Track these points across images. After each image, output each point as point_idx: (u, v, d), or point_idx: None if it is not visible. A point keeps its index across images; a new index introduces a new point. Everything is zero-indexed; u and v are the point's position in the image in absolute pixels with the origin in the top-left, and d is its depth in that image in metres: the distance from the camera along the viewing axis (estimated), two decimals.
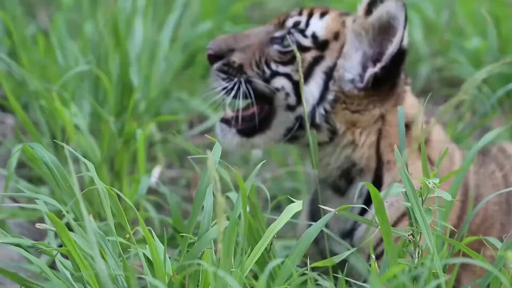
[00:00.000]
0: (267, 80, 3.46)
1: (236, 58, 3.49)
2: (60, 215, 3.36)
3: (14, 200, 3.88)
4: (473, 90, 4.17)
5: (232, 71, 3.48)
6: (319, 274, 3.37)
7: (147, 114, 4.42)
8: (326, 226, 3.28)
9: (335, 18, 3.49)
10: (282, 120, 3.47)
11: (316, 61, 3.45)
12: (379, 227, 2.97)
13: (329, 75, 3.43)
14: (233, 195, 3.23)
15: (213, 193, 3.01)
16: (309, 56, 3.45)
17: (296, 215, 3.08)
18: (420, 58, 5.99)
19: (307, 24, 3.48)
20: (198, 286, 2.94)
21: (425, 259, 2.95)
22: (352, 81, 3.42)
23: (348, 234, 3.48)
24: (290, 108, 3.45)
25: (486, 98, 4.36)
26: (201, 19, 5.55)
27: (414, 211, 2.92)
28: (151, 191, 4.35)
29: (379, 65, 3.39)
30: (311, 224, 2.99)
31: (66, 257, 3.10)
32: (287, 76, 3.45)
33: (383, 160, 3.44)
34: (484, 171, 3.57)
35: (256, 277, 3.21)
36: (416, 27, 5.98)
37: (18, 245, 3.17)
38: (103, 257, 2.96)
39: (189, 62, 5.26)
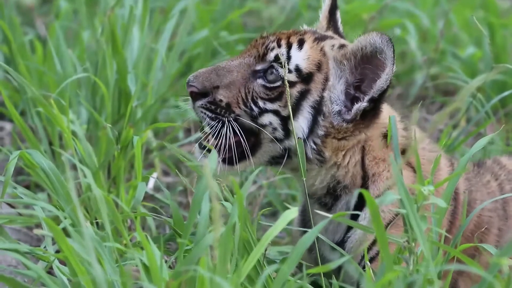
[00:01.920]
0: (255, 117, 3.45)
1: (222, 96, 3.46)
2: (57, 221, 3.38)
3: (12, 206, 3.90)
4: (467, 98, 4.20)
5: (219, 110, 3.45)
6: (314, 281, 3.40)
7: (144, 121, 4.43)
8: (316, 238, 3.31)
9: (313, 46, 3.48)
10: (267, 150, 3.47)
11: (303, 95, 3.43)
12: (369, 236, 2.99)
13: (317, 109, 3.43)
14: (227, 204, 3.24)
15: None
16: (295, 91, 3.44)
17: (291, 222, 3.10)
18: (415, 66, 6.02)
19: (288, 57, 3.46)
20: None
21: (420, 265, 2.97)
22: (339, 112, 3.42)
23: (338, 246, 3.49)
24: (278, 140, 3.45)
25: (480, 106, 4.38)
26: (198, 27, 5.57)
27: (409, 218, 2.94)
28: (147, 197, 4.37)
29: (367, 98, 3.39)
30: (305, 232, 3.01)
31: (63, 262, 3.12)
32: (275, 112, 3.44)
33: (368, 174, 3.45)
34: (479, 181, 3.59)
35: (251, 283, 3.22)
36: (412, 36, 6.01)
37: (15, 250, 3.19)
38: (100, 263, 2.97)
39: (186, 69, 5.28)
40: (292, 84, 3.43)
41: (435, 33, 5.99)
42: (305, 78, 3.43)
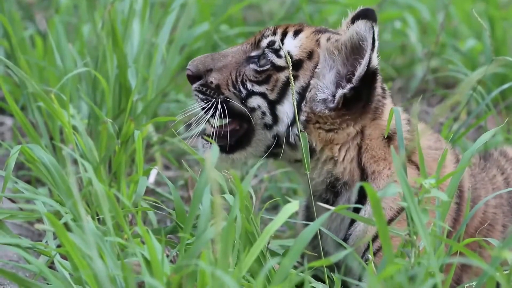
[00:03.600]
0: (243, 100, 3.49)
1: (213, 78, 3.52)
2: (58, 215, 3.38)
3: (13, 201, 3.90)
4: (468, 90, 4.20)
5: (209, 92, 3.52)
6: (316, 275, 3.40)
7: (144, 115, 4.44)
8: (320, 235, 3.32)
9: (309, 36, 3.50)
10: (261, 138, 3.50)
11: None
12: (369, 235, 3.00)
13: (302, 95, 3.46)
14: (228, 196, 3.25)
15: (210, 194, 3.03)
16: (283, 75, 3.47)
17: (293, 216, 3.10)
18: (415, 59, 6.02)
19: (281, 44, 3.49)
20: (196, 286, 2.96)
21: (421, 258, 2.97)
22: (325, 101, 3.43)
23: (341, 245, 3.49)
24: (267, 126, 3.48)
25: (481, 98, 4.38)
26: (198, 21, 5.57)
27: (411, 211, 2.94)
28: (148, 191, 4.37)
29: (348, 86, 3.40)
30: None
31: (64, 257, 3.12)
32: (262, 95, 3.47)
33: (367, 172, 3.45)
34: (485, 176, 3.58)
35: (253, 277, 3.22)
36: (412, 29, 6.01)
37: (17, 245, 3.19)
38: (101, 257, 2.97)
39: (186, 63, 5.27)
40: (280, 68, 3.47)
41: (435, 26, 5.99)
42: (295, 64, 3.46)
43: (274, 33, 3.53)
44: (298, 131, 3.43)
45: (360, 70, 3.37)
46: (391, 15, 6.20)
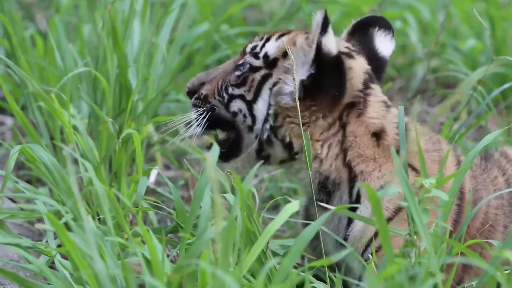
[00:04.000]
0: (226, 106, 3.54)
1: (204, 90, 3.59)
2: (59, 215, 3.38)
3: (13, 200, 3.90)
4: (468, 90, 4.20)
5: (200, 103, 3.58)
6: (316, 275, 3.40)
7: (145, 115, 4.44)
8: (318, 238, 3.32)
9: (290, 37, 3.53)
10: (249, 143, 3.53)
11: (264, 79, 3.51)
12: (367, 232, 3.00)
13: (272, 90, 3.49)
14: (229, 196, 3.25)
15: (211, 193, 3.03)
16: (258, 75, 3.52)
17: (293, 215, 3.10)
18: (415, 59, 6.02)
19: (262, 47, 3.55)
20: (196, 285, 2.96)
21: (422, 258, 2.97)
22: (292, 93, 3.44)
23: (341, 245, 3.49)
24: (250, 129, 3.52)
25: (481, 98, 4.38)
26: (198, 21, 5.57)
27: (411, 211, 2.94)
28: (149, 191, 4.37)
29: (305, 73, 3.42)
30: (306, 226, 3.01)
31: (65, 257, 3.12)
32: (241, 97, 3.52)
33: (355, 171, 3.45)
34: (487, 177, 3.58)
35: (254, 276, 3.22)
36: (412, 29, 6.01)
37: (17, 245, 3.19)
38: (102, 257, 2.98)
39: (187, 63, 5.28)
40: (256, 69, 3.53)
41: (436, 25, 5.99)
42: (270, 63, 3.51)
43: (261, 39, 3.58)
44: (268, 125, 3.47)
45: (311, 53, 3.40)
46: (391, 15, 6.19)
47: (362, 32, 3.62)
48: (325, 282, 3.32)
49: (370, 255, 3.22)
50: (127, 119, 4.03)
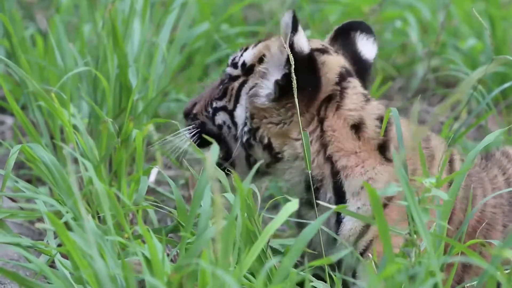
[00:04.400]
0: (213, 119, 3.60)
1: (195, 109, 3.66)
2: (59, 215, 3.39)
3: (13, 200, 3.90)
4: (468, 90, 4.20)
5: (191, 121, 3.64)
6: (316, 274, 3.41)
7: (145, 114, 4.44)
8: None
9: (266, 44, 3.57)
10: (238, 152, 3.56)
11: (242, 85, 3.56)
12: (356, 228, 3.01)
13: (248, 94, 3.54)
14: (229, 195, 3.26)
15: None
16: (237, 83, 3.57)
17: (293, 215, 3.10)
18: (416, 59, 6.02)
19: (240, 56, 3.60)
20: (196, 285, 2.96)
21: (421, 257, 2.97)
22: (268, 95, 3.48)
23: (331, 244, 3.48)
24: (236, 138, 3.55)
25: (481, 97, 4.38)
26: (198, 20, 5.57)
27: (412, 210, 2.94)
28: (149, 191, 4.37)
29: (281, 73, 3.46)
30: (300, 226, 3.02)
31: (65, 256, 3.12)
32: (224, 108, 3.57)
33: (337, 166, 3.46)
34: (485, 176, 3.58)
35: (254, 276, 3.23)
36: (412, 28, 6.01)
37: (17, 244, 3.19)
38: (102, 257, 2.98)
39: (187, 63, 5.28)
40: (236, 78, 3.58)
41: (436, 25, 5.99)
42: (247, 70, 3.56)
43: (241, 50, 3.63)
44: (246, 128, 3.51)
45: (285, 53, 3.42)
46: (391, 14, 6.20)
47: (344, 37, 3.65)
48: (325, 281, 3.32)
49: (370, 255, 3.22)
50: (127, 118, 4.04)
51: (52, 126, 4.27)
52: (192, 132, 3.60)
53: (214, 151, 3.10)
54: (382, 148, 3.45)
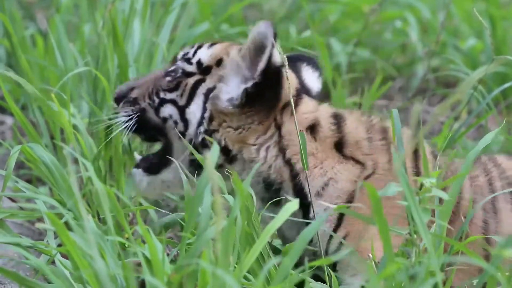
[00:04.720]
0: (157, 109, 3.61)
1: (133, 93, 3.66)
2: (59, 215, 3.38)
3: (13, 200, 3.90)
4: (469, 90, 4.20)
5: (129, 105, 3.64)
6: (315, 274, 3.41)
7: None
8: (283, 235, 3.48)
9: (223, 47, 3.63)
10: (180, 150, 3.58)
11: (198, 83, 3.59)
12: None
13: (207, 96, 3.57)
14: (229, 197, 3.26)
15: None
16: (192, 80, 3.60)
17: (293, 215, 3.11)
18: (416, 59, 6.02)
19: (194, 53, 3.64)
20: (196, 285, 2.96)
21: (422, 257, 2.97)
22: (231, 99, 3.52)
23: (308, 245, 3.50)
24: (182, 135, 3.57)
25: (481, 97, 4.38)
26: (198, 20, 5.57)
27: (412, 210, 2.94)
28: None
29: (250, 82, 3.50)
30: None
31: (65, 256, 3.12)
32: (173, 102, 3.59)
33: (296, 168, 3.51)
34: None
35: (254, 276, 3.22)
36: (413, 28, 6.01)
37: (17, 244, 3.19)
38: (102, 257, 2.98)
39: None
40: (190, 74, 3.61)
41: (436, 25, 5.99)
42: (203, 70, 3.60)
43: (192, 47, 3.67)
44: (203, 129, 3.53)
45: (262, 64, 3.47)
46: (391, 14, 6.20)
47: (291, 64, 3.65)
48: (325, 282, 3.32)
49: (369, 254, 3.23)
50: None
51: (52, 126, 4.27)
52: (131, 116, 3.60)
53: (214, 153, 3.11)
54: (339, 145, 3.53)
